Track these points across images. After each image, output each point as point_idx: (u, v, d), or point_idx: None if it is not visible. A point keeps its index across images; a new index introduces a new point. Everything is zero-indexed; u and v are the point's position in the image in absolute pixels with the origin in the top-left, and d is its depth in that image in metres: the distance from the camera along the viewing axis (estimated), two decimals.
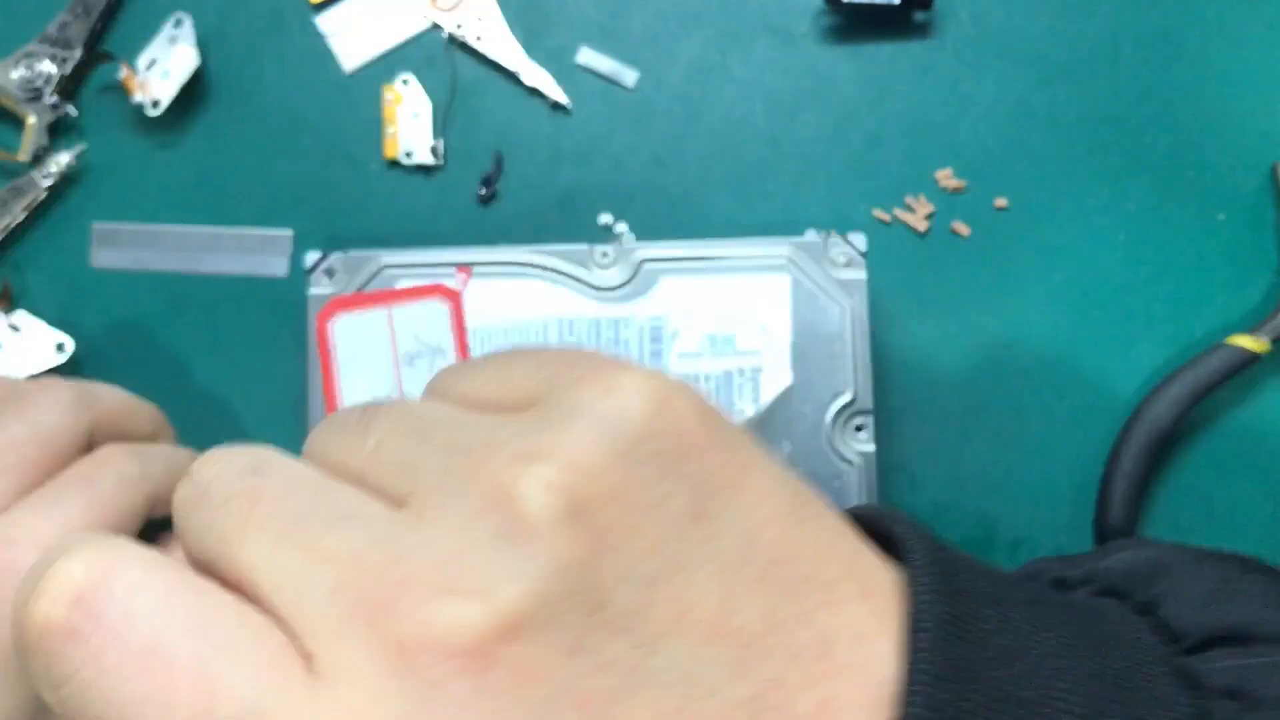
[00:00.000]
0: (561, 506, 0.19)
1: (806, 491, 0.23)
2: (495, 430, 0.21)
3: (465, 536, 0.19)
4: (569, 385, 0.21)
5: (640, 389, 0.21)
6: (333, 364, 0.45)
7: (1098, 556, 0.30)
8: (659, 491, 0.20)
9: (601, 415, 0.21)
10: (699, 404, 0.22)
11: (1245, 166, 0.50)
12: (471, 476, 0.20)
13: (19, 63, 0.50)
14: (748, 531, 0.21)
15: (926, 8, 0.50)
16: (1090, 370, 0.49)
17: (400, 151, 0.50)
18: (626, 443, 0.20)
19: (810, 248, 0.46)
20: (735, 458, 0.22)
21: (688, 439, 0.21)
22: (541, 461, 0.20)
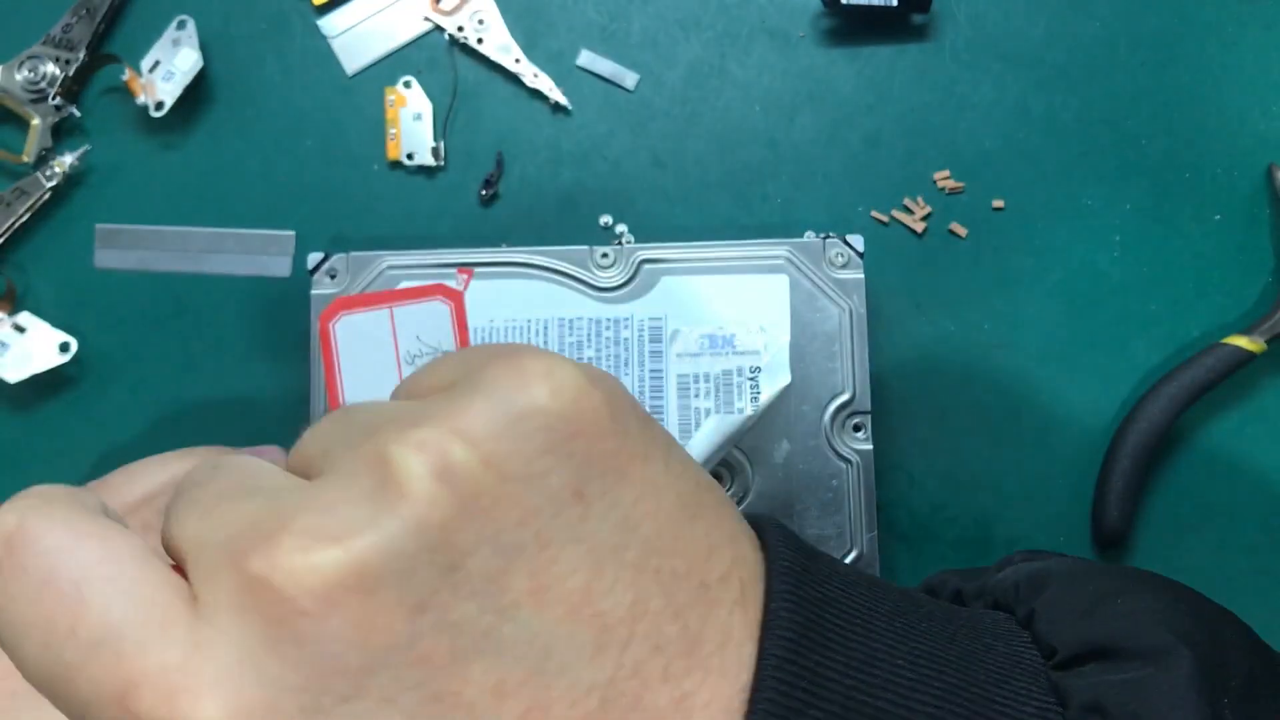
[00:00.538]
0: (431, 467, 0.20)
1: (710, 494, 0.24)
2: (402, 409, 0.22)
3: (341, 494, 0.20)
4: (480, 368, 0.22)
5: (546, 372, 0.22)
6: (335, 364, 0.45)
7: (996, 569, 0.30)
8: (539, 465, 0.21)
9: (497, 390, 0.21)
10: (607, 394, 0.22)
11: (1241, 168, 0.50)
12: (363, 445, 0.21)
13: (23, 64, 0.51)
14: (628, 519, 0.22)
15: (924, 10, 0.50)
16: (1087, 370, 0.49)
17: (402, 153, 0.51)
18: (514, 415, 0.21)
19: (809, 248, 0.46)
20: (629, 446, 0.22)
21: (579, 420, 0.21)
22: (422, 426, 0.21)
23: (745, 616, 0.22)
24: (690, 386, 0.45)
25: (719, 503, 0.24)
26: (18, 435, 0.50)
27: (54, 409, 0.50)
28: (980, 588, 0.29)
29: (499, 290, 0.46)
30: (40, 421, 0.50)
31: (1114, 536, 0.47)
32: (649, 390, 0.45)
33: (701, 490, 0.23)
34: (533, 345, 0.24)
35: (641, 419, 0.23)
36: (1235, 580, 0.48)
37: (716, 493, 0.24)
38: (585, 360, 0.45)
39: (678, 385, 0.45)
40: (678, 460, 0.23)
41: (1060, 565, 0.28)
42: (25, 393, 0.50)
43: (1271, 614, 0.48)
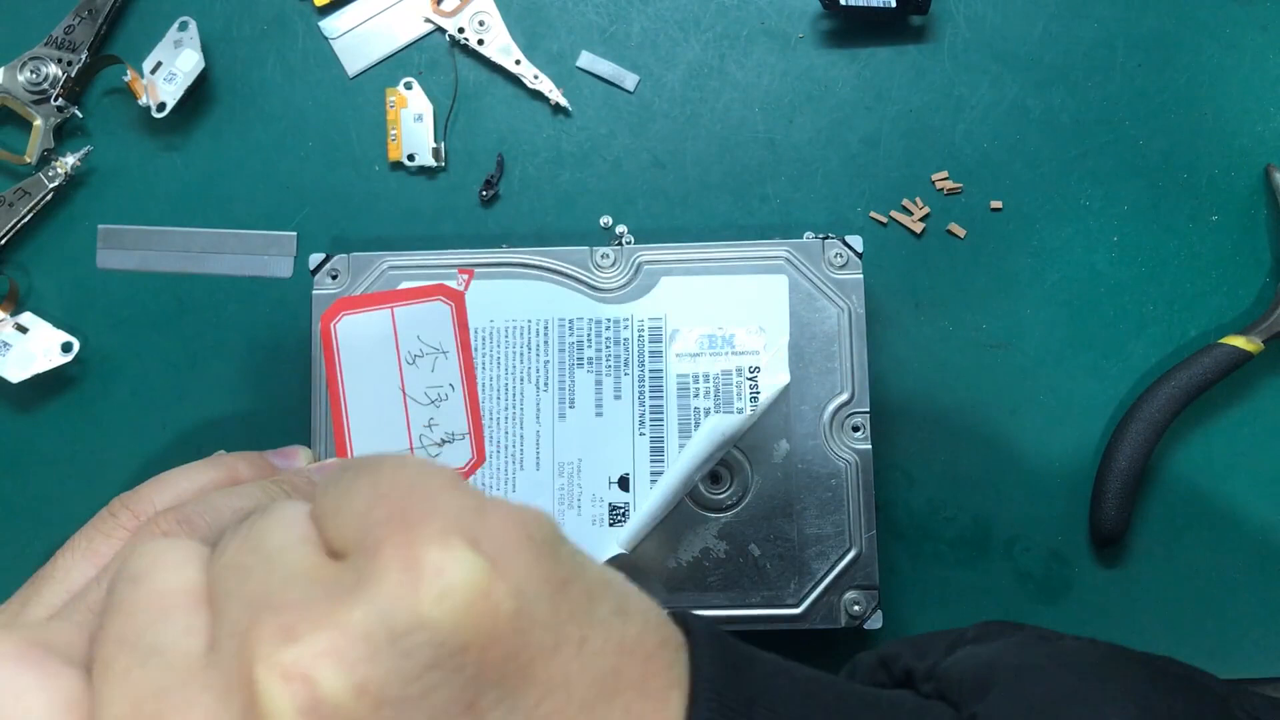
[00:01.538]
0: (297, 701, 0.19)
1: (636, 655, 0.22)
2: (292, 585, 0.21)
3: (216, 708, 0.20)
4: (375, 546, 0.21)
5: (436, 568, 0.20)
6: (337, 364, 0.46)
7: (949, 646, 0.29)
8: (421, 685, 0.20)
9: (379, 594, 0.20)
10: (513, 581, 0.21)
11: (1238, 168, 0.51)
12: (244, 644, 0.20)
13: (25, 65, 0.51)
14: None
15: (923, 12, 0.50)
16: (1084, 370, 0.50)
17: (403, 154, 0.51)
18: (394, 632, 0.20)
19: (808, 249, 0.46)
20: (534, 642, 0.21)
21: (469, 630, 0.20)
22: (294, 643, 0.20)
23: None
24: (690, 386, 0.45)
25: (648, 660, 0.22)
26: (20, 435, 0.50)
27: (56, 409, 0.50)
28: (930, 670, 0.28)
29: (499, 290, 0.46)
30: (42, 421, 0.50)
31: (1111, 536, 0.47)
32: (649, 390, 0.45)
33: (625, 656, 0.22)
34: (442, 497, 0.22)
35: (557, 592, 0.21)
36: (1232, 579, 0.48)
37: (647, 644, 0.22)
38: (585, 361, 0.45)
39: (677, 385, 0.45)
40: (600, 628, 0.22)
41: (1009, 657, 0.28)
42: (27, 392, 0.50)
43: (1270, 613, 0.48)
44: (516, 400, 0.45)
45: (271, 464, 0.39)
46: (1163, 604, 0.48)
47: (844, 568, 0.44)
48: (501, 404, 0.45)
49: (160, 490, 0.35)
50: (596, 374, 0.45)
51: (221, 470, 0.36)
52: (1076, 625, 0.48)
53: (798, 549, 0.44)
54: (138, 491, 0.35)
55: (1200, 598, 0.48)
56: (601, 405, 0.45)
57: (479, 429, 0.45)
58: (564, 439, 0.45)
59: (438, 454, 0.45)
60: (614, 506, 0.45)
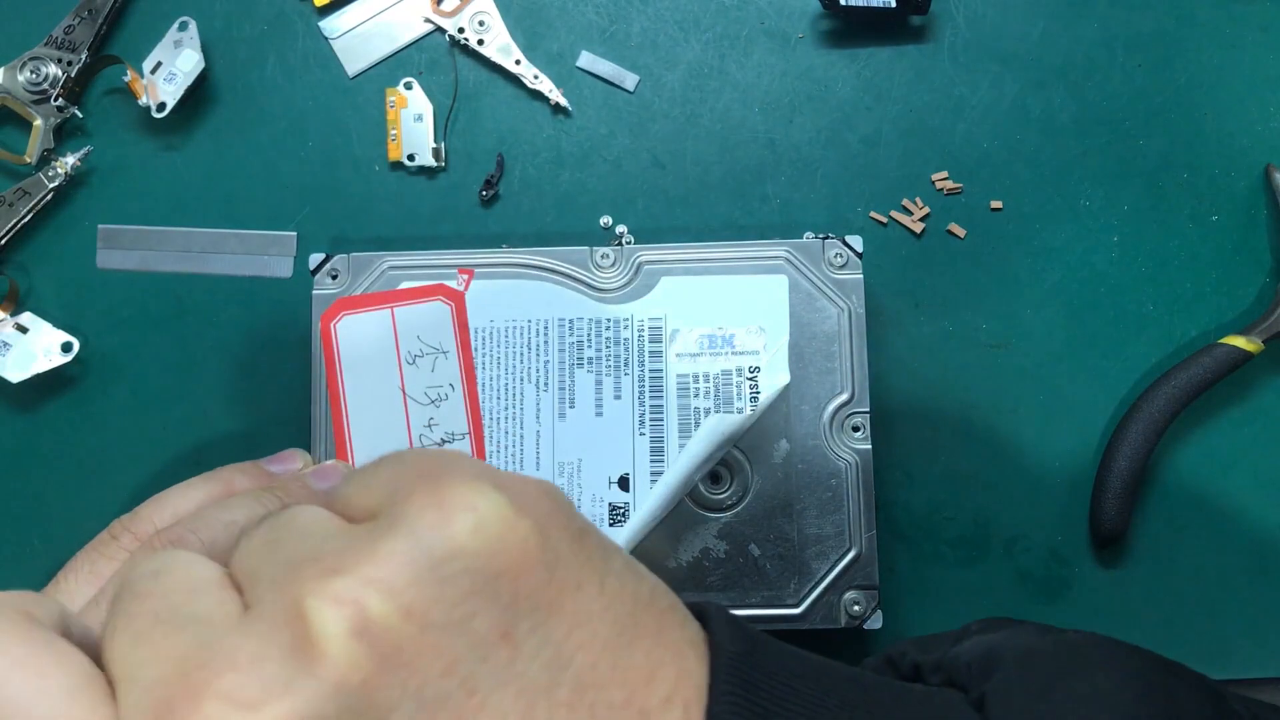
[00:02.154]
0: (349, 623, 0.20)
1: (651, 609, 0.23)
2: (326, 542, 0.22)
3: (265, 645, 0.20)
4: (404, 497, 0.22)
5: (467, 504, 0.21)
6: (337, 364, 0.46)
7: (954, 640, 0.30)
8: (462, 610, 0.21)
9: (416, 530, 0.21)
10: (535, 523, 0.22)
11: (1238, 168, 0.51)
12: (286, 589, 0.21)
13: (25, 66, 0.51)
14: (560, 655, 0.21)
15: (923, 12, 0.50)
16: (1084, 370, 0.50)
17: (403, 154, 0.51)
18: (433, 559, 0.21)
19: (808, 249, 0.46)
20: (560, 576, 0.22)
21: (503, 557, 0.21)
22: (340, 575, 0.20)
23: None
24: (690, 386, 0.45)
25: (663, 614, 0.23)
26: (20, 435, 0.50)
27: (56, 409, 0.51)
28: (937, 662, 0.29)
29: (499, 291, 0.46)
30: (42, 421, 0.50)
31: (1111, 535, 0.47)
32: (649, 390, 0.45)
33: (641, 607, 0.23)
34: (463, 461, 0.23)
35: (575, 539, 0.23)
36: (1232, 579, 0.48)
37: (660, 603, 0.24)
38: (585, 361, 0.45)
39: (677, 385, 0.45)
40: (616, 577, 0.23)
41: (1014, 642, 0.28)
42: (27, 392, 0.50)
43: (1268, 612, 0.48)
44: (516, 400, 0.45)
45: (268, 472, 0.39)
46: (1163, 604, 0.48)
47: (844, 568, 0.44)
48: (501, 404, 0.45)
49: (159, 510, 0.35)
50: (596, 374, 0.45)
51: (218, 485, 0.37)
52: (1076, 625, 0.48)
53: (798, 549, 0.44)
54: (137, 513, 0.35)
55: (1200, 598, 0.48)
56: (601, 405, 0.45)
57: (479, 429, 0.45)
58: (564, 439, 0.45)
59: None
60: (614, 506, 0.45)
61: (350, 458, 0.45)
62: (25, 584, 0.49)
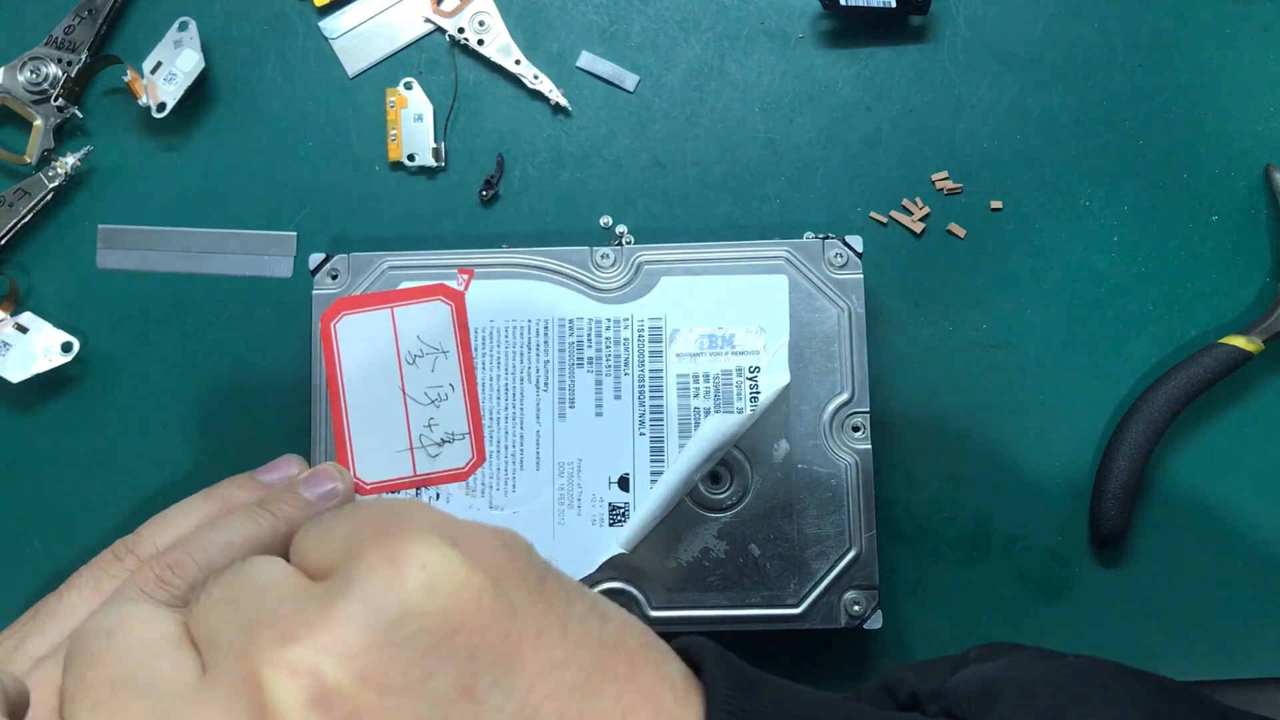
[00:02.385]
0: (306, 693, 0.20)
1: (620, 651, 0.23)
2: (282, 604, 0.22)
3: (225, 717, 0.20)
4: (356, 555, 0.22)
5: (420, 561, 0.21)
6: (337, 364, 0.46)
7: (953, 666, 0.30)
8: (420, 671, 0.20)
9: (369, 592, 0.21)
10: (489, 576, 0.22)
11: (1238, 168, 0.51)
12: (243, 656, 0.21)
13: (25, 65, 0.51)
14: (524, 708, 0.21)
15: (923, 12, 0.50)
16: (1084, 370, 0.50)
17: (403, 154, 0.51)
18: (388, 622, 0.21)
19: (808, 249, 0.46)
20: (519, 627, 0.22)
21: (457, 614, 0.21)
22: (296, 643, 0.20)
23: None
24: (690, 386, 0.45)
25: (633, 655, 0.23)
26: (20, 435, 0.50)
27: (56, 409, 0.51)
28: (936, 691, 0.29)
29: (499, 290, 0.46)
30: (42, 421, 0.50)
31: (1111, 535, 0.47)
32: (649, 390, 0.45)
33: (609, 650, 0.23)
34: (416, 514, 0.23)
35: (534, 587, 0.22)
36: (1232, 579, 0.48)
37: (629, 644, 0.23)
38: (585, 361, 0.45)
39: (677, 385, 0.45)
40: (578, 622, 0.23)
41: (1014, 672, 0.28)
42: (28, 392, 0.50)
43: (1268, 612, 0.48)
44: (516, 400, 0.45)
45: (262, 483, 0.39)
46: (1163, 604, 0.48)
47: (844, 568, 0.44)
48: (501, 404, 0.45)
49: (159, 531, 0.36)
50: (596, 374, 0.45)
51: (215, 503, 0.37)
52: (1076, 625, 0.48)
53: (798, 549, 0.44)
54: (139, 534, 0.36)
55: (1200, 598, 0.48)
56: (601, 405, 0.45)
57: (479, 429, 0.45)
58: (564, 439, 0.45)
59: (438, 454, 0.45)
60: (614, 506, 0.45)
61: (350, 458, 0.45)
62: (25, 584, 0.49)
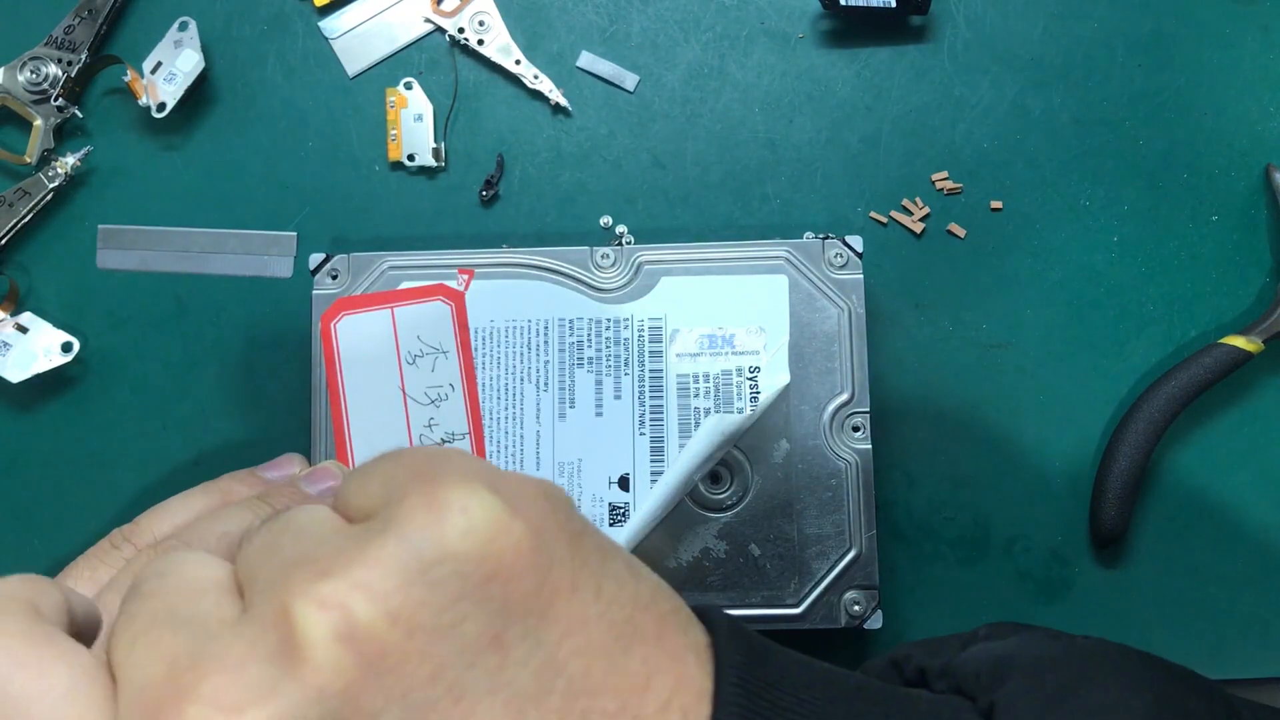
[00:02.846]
0: (334, 627, 0.20)
1: (649, 612, 0.23)
2: (321, 544, 0.22)
3: (252, 648, 0.20)
4: (399, 498, 0.22)
5: (460, 505, 0.21)
6: (337, 364, 0.46)
7: (961, 644, 0.30)
8: (451, 615, 0.20)
9: (406, 532, 0.21)
10: (530, 525, 0.22)
11: (1238, 168, 0.51)
12: (278, 590, 0.21)
13: (25, 65, 0.51)
14: (552, 662, 0.21)
15: (923, 12, 0.50)
16: (1084, 370, 0.50)
17: (403, 154, 0.51)
18: (423, 563, 0.20)
19: (808, 249, 0.46)
20: (554, 580, 0.21)
21: (494, 561, 0.21)
22: (328, 579, 0.20)
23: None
24: (690, 386, 0.45)
25: (663, 618, 0.23)
26: (20, 435, 0.50)
27: (56, 409, 0.51)
28: (944, 667, 0.29)
29: (499, 291, 0.46)
30: (42, 421, 0.50)
31: (1111, 535, 0.47)
32: (649, 390, 0.45)
33: (640, 611, 0.23)
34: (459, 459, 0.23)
35: (572, 541, 0.22)
36: (1232, 579, 0.48)
37: (660, 606, 0.23)
38: (585, 361, 0.45)
39: (677, 385, 0.45)
40: (613, 580, 0.23)
41: (1024, 650, 0.28)
42: (28, 392, 0.50)
43: (1268, 612, 0.48)
44: (516, 400, 0.45)
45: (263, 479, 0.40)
46: (1163, 604, 0.48)
47: (844, 568, 0.44)
48: (501, 404, 0.45)
49: (158, 520, 0.36)
50: (596, 374, 0.45)
51: (215, 496, 0.37)
52: (1076, 625, 0.48)
53: (798, 549, 0.44)
54: (136, 523, 0.36)
55: (1200, 598, 0.48)
56: (601, 405, 0.45)
57: (479, 429, 0.45)
58: (564, 439, 0.45)
59: None
60: (614, 506, 0.45)
61: (350, 458, 0.45)
62: None
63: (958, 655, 0.29)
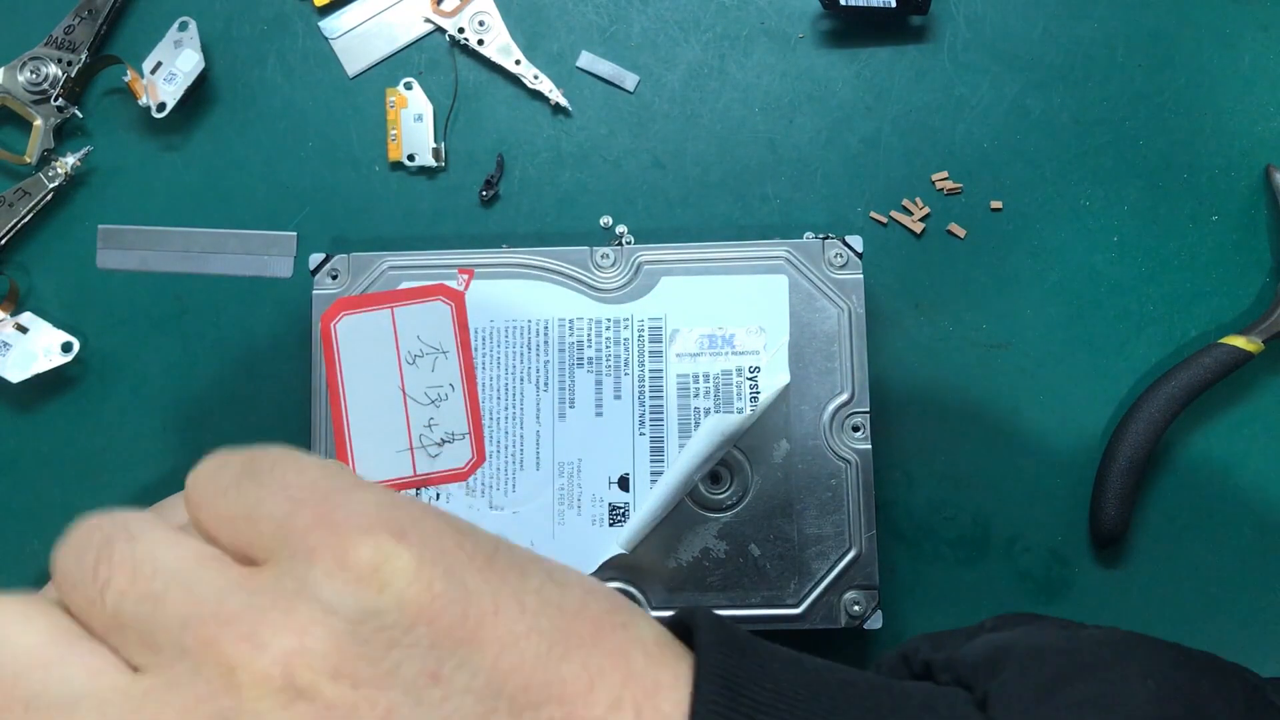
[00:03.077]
0: (284, 693, 0.20)
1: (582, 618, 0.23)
2: (227, 598, 0.22)
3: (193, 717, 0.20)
4: (304, 553, 0.22)
5: (370, 561, 0.22)
6: (337, 364, 0.46)
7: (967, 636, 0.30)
8: (387, 663, 0.21)
9: (325, 595, 0.21)
10: (439, 560, 0.22)
11: (1238, 168, 0.51)
12: (202, 656, 0.21)
13: (25, 66, 0.51)
14: (490, 683, 0.22)
15: (923, 12, 0.50)
16: (1085, 370, 0.50)
17: (403, 154, 0.51)
18: (350, 623, 0.21)
19: (808, 249, 0.46)
20: (475, 608, 0.22)
21: (415, 608, 0.22)
22: (266, 646, 0.21)
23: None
24: (690, 386, 0.45)
25: (598, 620, 0.23)
26: (20, 435, 0.50)
27: (56, 409, 0.51)
28: (948, 660, 0.29)
29: (499, 290, 0.46)
30: (42, 421, 0.50)
31: (1111, 536, 0.47)
32: (649, 390, 0.45)
33: (570, 618, 0.23)
34: (353, 499, 0.23)
35: (484, 566, 0.23)
36: (1232, 579, 0.48)
37: (592, 609, 0.24)
38: (585, 361, 0.45)
39: (677, 385, 0.45)
40: (535, 594, 0.23)
41: (1024, 640, 0.28)
42: (28, 392, 0.50)
43: (1268, 613, 0.48)
44: (516, 400, 0.45)
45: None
46: (1163, 604, 0.48)
47: (844, 568, 0.44)
48: (501, 404, 0.45)
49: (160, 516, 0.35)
50: (596, 374, 0.45)
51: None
52: None
53: (798, 549, 0.44)
54: None
55: (1200, 598, 0.48)
56: (601, 405, 0.45)
57: (479, 429, 0.45)
58: (564, 439, 0.45)
59: (438, 454, 0.45)
60: (614, 506, 0.45)
61: (350, 458, 0.45)
62: (25, 584, 0.49)
63: (961, 647, 0.29)
